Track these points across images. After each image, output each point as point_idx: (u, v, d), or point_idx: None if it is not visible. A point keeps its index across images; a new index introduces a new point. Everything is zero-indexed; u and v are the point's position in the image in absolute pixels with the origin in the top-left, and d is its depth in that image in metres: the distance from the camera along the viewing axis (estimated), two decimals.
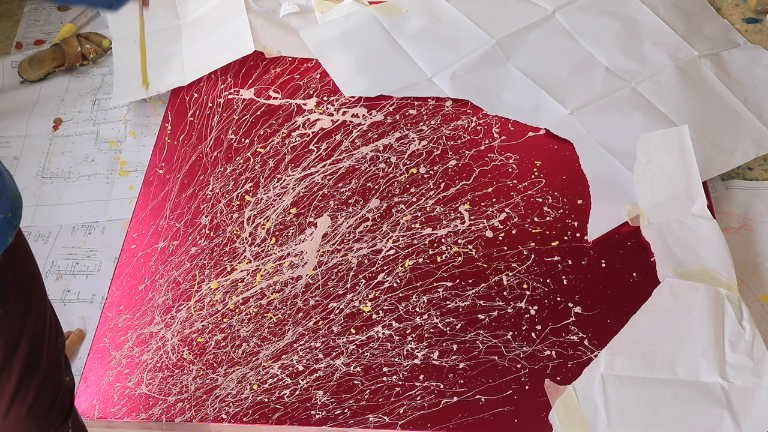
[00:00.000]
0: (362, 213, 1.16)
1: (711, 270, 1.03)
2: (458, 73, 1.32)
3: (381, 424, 0.96)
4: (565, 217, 1.14)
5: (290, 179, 1.22)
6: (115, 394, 1.01)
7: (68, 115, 1.42)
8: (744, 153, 1.19)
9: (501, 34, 1.36)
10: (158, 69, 1.40)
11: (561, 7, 1.39)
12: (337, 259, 1.12)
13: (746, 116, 1.23)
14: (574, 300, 1.05)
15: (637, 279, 1.06)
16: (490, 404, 0.97)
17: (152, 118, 1.38)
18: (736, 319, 0.97)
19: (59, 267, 1.20)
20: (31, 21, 1.61)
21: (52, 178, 1.32)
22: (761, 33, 1.40)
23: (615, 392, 0.94)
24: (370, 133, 1.26)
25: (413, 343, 1.02)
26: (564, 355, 1.00)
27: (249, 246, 1.14)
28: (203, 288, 1.10)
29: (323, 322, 1.05)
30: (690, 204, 1.10)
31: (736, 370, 0.95)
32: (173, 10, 1.50)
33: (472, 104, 1.29)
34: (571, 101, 1.25)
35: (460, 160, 1.21)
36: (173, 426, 0.99)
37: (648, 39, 1.33)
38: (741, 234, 1.13)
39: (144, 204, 1.21)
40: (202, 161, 1.25)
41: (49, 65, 1.48)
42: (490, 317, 1.04)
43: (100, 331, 1.07)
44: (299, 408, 0.98)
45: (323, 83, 1.35)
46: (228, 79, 1.37)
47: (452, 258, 1.10)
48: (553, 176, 1.18)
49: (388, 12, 1.42)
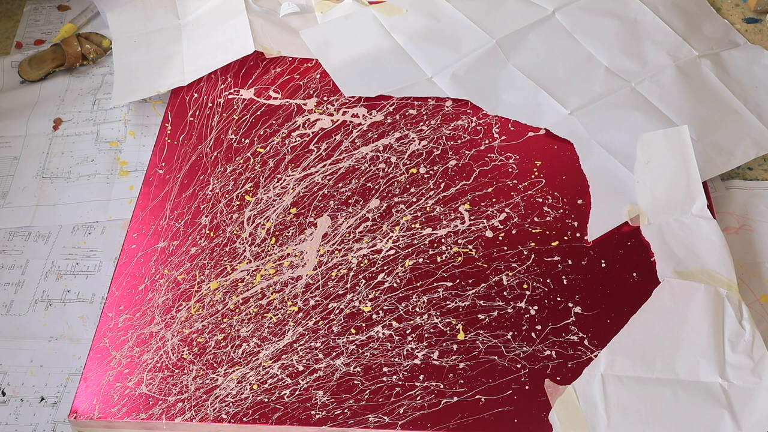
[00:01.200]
0: (362, 213, 1.16)
1: (711, 270, 1.03)
2: (458, 73, 1.32)
3: (381, 424, 0.96)
4: (565, 217, 1.14)
5: (290, 179, 1.22)
6: (115, 394, 1.01)
7: (68, 115, 1.42)
8: (744, 153, 1.19)
9: (501, 34, 1.36)
10: (158, 69, 1.40)
11: (561, 7, 1.39)
12: (337, 259, 1.12)
13: (746, 116, 1.23)
14: (574, 300, 1.05)
15: (637, 279, 1.06)
16: (490, 404, 0.97)
17: (152, 118, 1.38)
18: (736, 319, 0.97)
19: (59, 267, 1.20)
20: (31, 21, 1.61)
21: (52, 178, 1.32)
22: (761, 33, 1.40)
23: (615, 392, 0.94)
24: (370, 133, 1.26)
25: (413, 343, 1.03)
26: (564, 355, 1.00)
27: (249, 246, 1.14)
28: (203, 288, 1.10)
29: (323, 322, 1.06)
30: (690, 204, 1.10)
31: (736, 370, 0.95)
32: (173, 10, 1.50)
33: (472, 104, 1.29)
34: (571, 101, 1.25)
35: (460, 160, 1.21)
36: (173, 426, 0.99)
37: (648, 39, 1.33)
38: (741, 234, 1.13)
39: (144, 204, 1.21)
40: (202, 161, 1.25)
41: (49, 65, 1.48)
42: (490, 317, 1.04)
43: (100, 331, 1.07)
44: (299, 408, 0.98)
45: (323, 83, 1.35)
46: (228, 79, 1.37)
47: (452, 258, 1.10)
48: (553, 176, 1.18)
49: (388, 12, 1.42)
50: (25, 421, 1.06)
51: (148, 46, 1.44)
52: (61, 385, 1.09)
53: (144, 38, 1.45)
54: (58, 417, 1.06)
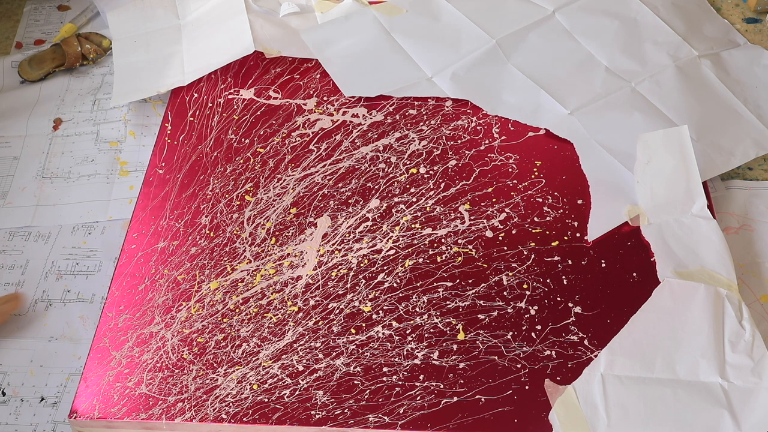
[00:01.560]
0: (362, 213, 1.16)
1: (711, 270, 1.03)
2: (458, 73, 1.32)
3: (381, 424, 0.96)
4: (565, 217, 1.14)
5: (290, 179, 1.22)
6: (115, 394, 1.01)
7: (68, 115, 1.42)
8: (744, 153, 1.19)
9: (501, 34, 1.36)
10: (158, 69, 1.40)
11: (561, 7, 1.39)
12: (337, 259, 1.12)
13: (746, 116, 1.23)
14: (574, 300, 1.05)
15: (637, 279, 1.06)
16: (490, 404, 0.97)
17: (152, 118, 1.38)
18: (736, 319, 0.97)
19: (59, 267, 1.20)
20: (31, 21, 1.61)
21: (52, 178, 1.32)
22: (761, 33, 1.40)
23: (615, 392, 0.94)
24: (370, 133, 1.26)
25: (413, 343, 1.03)
26: (564, 355, 1.00)
27: (249, 246, 1.14)
28: (203, 288, 1.10)
29: (323, 322, 1.06)
30: (690, 204, 1.10)
31: (736, 370, 0.95)
32: (173, 10, 1.50)
33: (472, 104, 1.29)
34: (571, 101, 1.25)
35: (460, 160, 1.21)
36: (173, 426, 0.99)
37: (648, 39, 1.33)
38: (741, 234, 1.13)
39: (144, 204, 1.21)
40: (202, 161, 1.25)
41: (49, 65, 1.48)
42: (490, 317, 1.04)
43: (100, 331, 1.07)
44: (299, 408, 0.98)
45: (323, 83, 1.35)
46: (228, 79, 1.37)
47: (452, 258, 1.10)
48: (553, 176, 1.18)
49: (388, 12, 1.42)
50: (25, 421, 1.06)
51: (148, 46, 1.44)
52: (61, 385, 1.09)
53: (144, 38, 1.45)
54: (58, 417, 1.06)
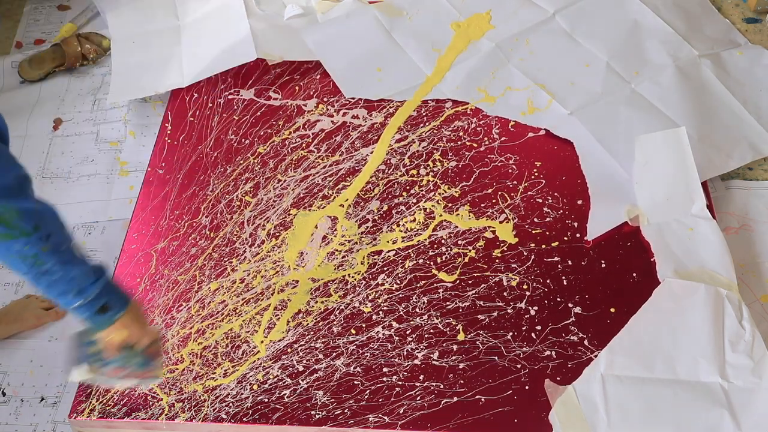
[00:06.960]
0: (362, 214, 1.16)
1: (711, 270, 1.03)
2: (458, 73, 1.32)
3: (381, 424, 0.96)
4: (565, 217, 1.14)
5: (290, 180, 1.22)
6: (115, 394, 1.01)
7: (68, 115, 1.42)
8: (741, 156, 1.19)
9: (501, 36, 1.36)
10: (157, 70, 1.40)
11: (561, 9, 1.39)
12: (337, 260, 1.12)
13: (745, 118, 1.23)
14: (574, 300, 1.05)
15: (637, 279, 1.06)
16: (490, 404, 0.97)
17: (152, 118, 1.38)
18: (736, 319, 0.97)
19: None
20: (31, 21, 1.61)
21: (52, 178, 1.32)
22: (761, 33, 1.40)
23: (615, 392, 0.94)
24: (370, 134, 1.26)
25: (413, 343, 1.03)
26: (564, 355, 1.00)
27: (249, 247, 1.14)
28: (203, 288, 1.10)
29: (323, 322, 1.06)
30: (689, 204, 1.10)
31: (736, 370, 0.95)
32: (173, 10, 1.50)
33: (472, 105, 1.29)
34: (571, 101, 1.25)
35: (460, 161, 1.21)
36: (173, 426, 0.99)
37: (648, 39, 1.33)
38: (741, 234, 1.13)
39: (144, 204, 1.21)
40: (202, 161, 1.25)
41: (49, 65, 1.48)
42: (490, 318, 1.04)
43: None
44: (299, 408, 0.98)
45: (323, 84, 1.35)
46: (228, 80, 1.37)
47: (452, 259, 1.10)
48: (553, 176, 1.18)
49: (388, 12, 1.42)
50: (25, 421, 1.06)
51: (148, 46, 1.44)
52: (61, 385, 1.09)
53: (143, 39, 1.45)
54: (58, 417, 1.06)
